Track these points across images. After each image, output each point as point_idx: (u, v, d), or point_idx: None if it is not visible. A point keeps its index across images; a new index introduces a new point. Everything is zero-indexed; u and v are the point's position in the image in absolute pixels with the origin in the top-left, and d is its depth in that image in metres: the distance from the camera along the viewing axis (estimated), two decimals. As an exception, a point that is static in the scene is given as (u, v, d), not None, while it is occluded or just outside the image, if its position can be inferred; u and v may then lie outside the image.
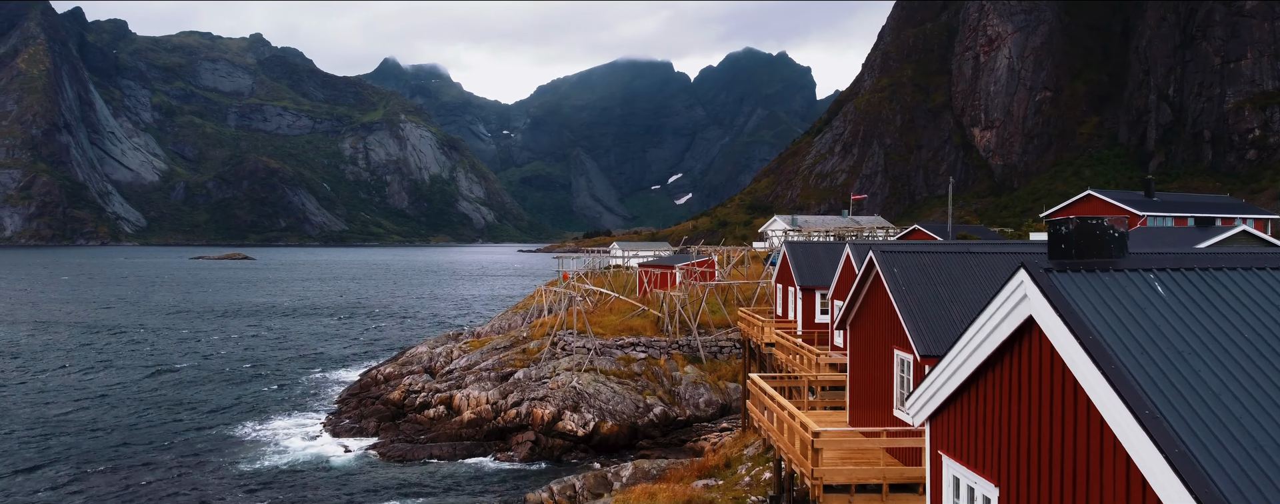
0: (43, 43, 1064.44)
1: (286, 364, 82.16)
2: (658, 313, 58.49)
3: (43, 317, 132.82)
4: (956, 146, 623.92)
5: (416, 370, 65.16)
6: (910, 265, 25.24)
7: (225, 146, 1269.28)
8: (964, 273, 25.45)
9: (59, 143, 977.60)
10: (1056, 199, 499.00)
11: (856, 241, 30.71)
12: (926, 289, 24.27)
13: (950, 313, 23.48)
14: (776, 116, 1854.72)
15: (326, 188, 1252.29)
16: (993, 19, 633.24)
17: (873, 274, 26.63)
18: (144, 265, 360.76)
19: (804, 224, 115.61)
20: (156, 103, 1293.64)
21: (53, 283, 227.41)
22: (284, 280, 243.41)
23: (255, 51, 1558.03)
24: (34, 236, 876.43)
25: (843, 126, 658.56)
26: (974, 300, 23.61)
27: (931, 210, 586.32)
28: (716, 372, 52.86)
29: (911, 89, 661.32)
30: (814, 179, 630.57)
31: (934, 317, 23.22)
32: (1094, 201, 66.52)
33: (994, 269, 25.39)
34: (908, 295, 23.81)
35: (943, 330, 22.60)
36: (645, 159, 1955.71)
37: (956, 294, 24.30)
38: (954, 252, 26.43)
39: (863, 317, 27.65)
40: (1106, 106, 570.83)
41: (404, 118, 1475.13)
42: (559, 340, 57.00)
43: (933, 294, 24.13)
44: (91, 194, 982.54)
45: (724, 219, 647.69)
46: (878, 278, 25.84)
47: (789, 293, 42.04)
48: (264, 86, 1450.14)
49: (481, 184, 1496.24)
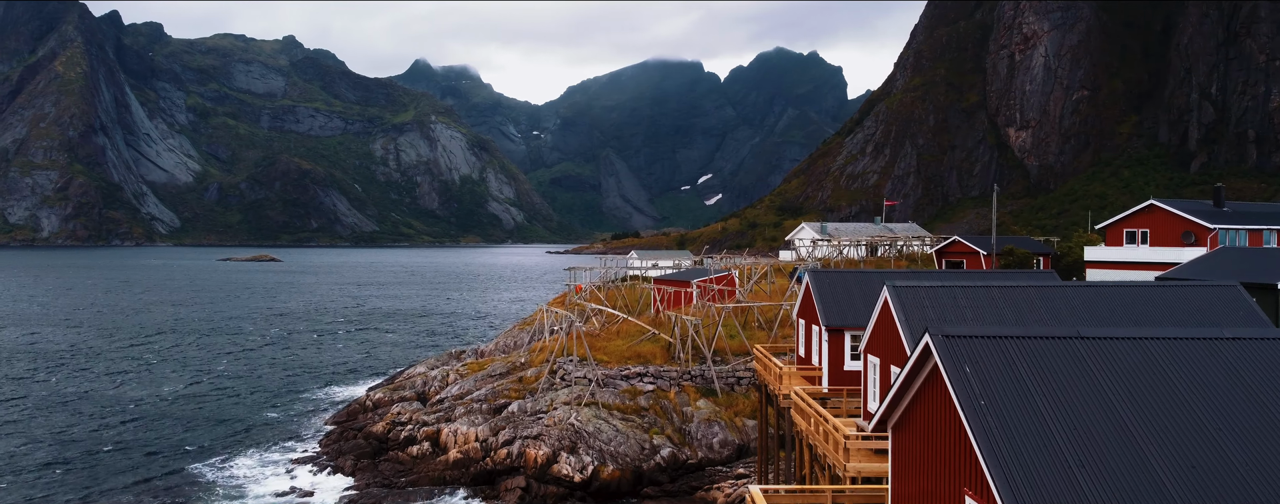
0: (80, 45, 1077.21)
1: (279, 383, 77.46)
2: (669, 338, 52.78)
3: (37, 321, 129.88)
4: (991, 147, 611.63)
5: (408, 396, 60.11)
6: (991, 360, 16.42)
7: (258, 148, 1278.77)
8: (1073, 366, 16.59)
9: (95, 144, 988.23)
10: (1094, 201, 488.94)
11: (900, 283, 24.17)
12: (1016, 399, 15.80)
13: (1055, 438, 14.86)
14: (807, 117, 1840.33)
15: (358, 188, 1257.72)
16: (1028, 16, 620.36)
17: (930, 366, 18.27)
18: (170, 267, 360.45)
19: (834, 232, 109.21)
20: (191, 104, 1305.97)
21: (67, 284, 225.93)
22: (304, 285, 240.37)
23: (288, 53, 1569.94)
24: (70, 237, 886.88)
25: (874, 127, 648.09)
26: (1091, 416, 15.39)
27: (965, 212, 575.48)
28: (733, 407, 47.13)
29: (945, 88, 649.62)
30: (845, 180, 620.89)
31: (1030, 445, 14.92)
32: (1158, 213, 59.83)
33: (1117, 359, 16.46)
34: (989, 414, 15.42)
35: (1043, 468, 14.39)
36: (675, 159, 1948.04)
37: (1062, 403, 15.80)
38: (1059, 337, 17.04)
39: (914, 424, 19.41)
40: (1146, 105, 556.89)
41: (434, 119, 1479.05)
42: (559, 368, 51.53)
43: (1027, 406, 15.72)
44: (127, 195, 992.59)
45: (753, 221, 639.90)
46: (938, 373, 17.48)
47: (812, 332, 35.84)
48: (296, 88, 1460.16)
49: (511, 185, 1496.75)
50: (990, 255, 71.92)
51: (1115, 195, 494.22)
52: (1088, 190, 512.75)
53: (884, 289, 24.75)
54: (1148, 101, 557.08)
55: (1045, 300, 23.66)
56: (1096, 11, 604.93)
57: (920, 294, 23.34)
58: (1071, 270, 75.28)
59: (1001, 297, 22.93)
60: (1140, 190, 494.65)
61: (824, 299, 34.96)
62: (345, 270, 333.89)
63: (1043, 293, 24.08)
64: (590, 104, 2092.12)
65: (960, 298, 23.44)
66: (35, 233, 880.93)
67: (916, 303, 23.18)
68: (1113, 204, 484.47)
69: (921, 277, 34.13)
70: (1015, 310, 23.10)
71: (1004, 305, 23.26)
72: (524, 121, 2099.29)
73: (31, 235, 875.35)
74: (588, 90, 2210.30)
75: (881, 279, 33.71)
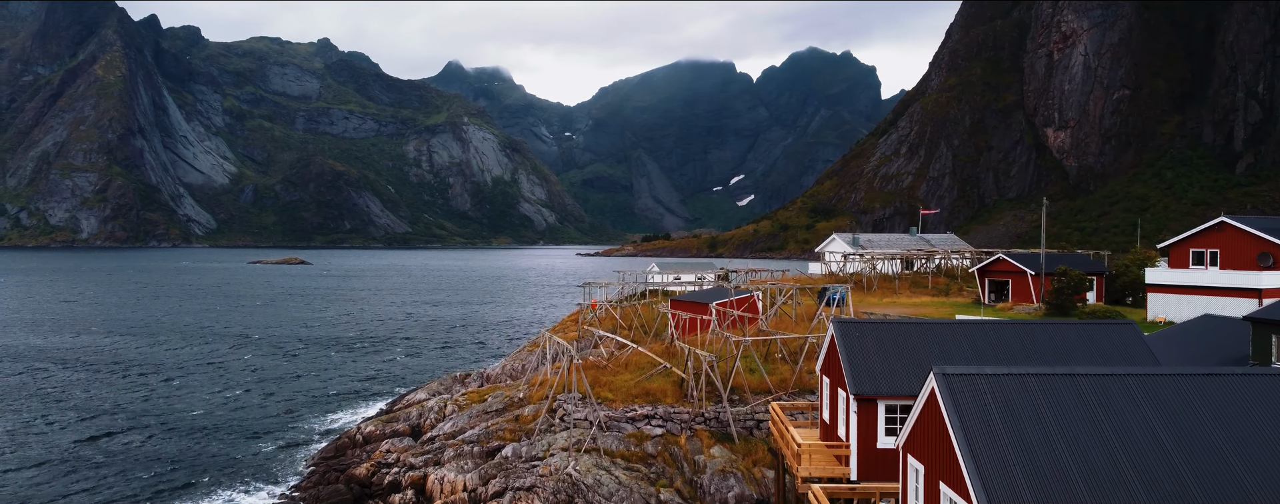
0: (119, 49, 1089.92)
1: (273, 407, 73.27)
2: (681, 373, 47.63)
3: (43, 327, 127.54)
4: (1028, 148, 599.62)
5: (401, 429, 55.56)
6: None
7: (293, 149, 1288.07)
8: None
9: (133, 147, 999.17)
10: (1135, 203, 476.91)
11: (952, 371, 18.33)
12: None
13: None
14: (840, 117, 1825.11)
15: (391, 190, 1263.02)
16: (1067, 15, 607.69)
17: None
18: (198, 271, 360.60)
19: (866, 245, 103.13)
20: (227, 107, 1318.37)
21: (81, 291, 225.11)
22: (327, 291, 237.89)
23: (323, 56, 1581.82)
24: (109, 238, 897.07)
25: (909, 127, 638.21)
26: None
27: (1002, 214, 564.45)
28: (751, 455, 41.86)
29: (981, 88, 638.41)
30: (878, 182, 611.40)
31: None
32: (1229, 231, 53.52)
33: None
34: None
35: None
36: (707, 160, 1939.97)
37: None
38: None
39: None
40: (1189, 105, 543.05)
41: (467, 120, 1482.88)
42: (559, 407, 46.58)
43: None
44: (164, 197, 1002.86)
45: (785, 223, 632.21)
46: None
47: (838, 398, 29.93)
48: (331, 90, 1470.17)
49: (543, 186, 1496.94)
50: (1038, 276, 66.08)
51: (1158, 197, 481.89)
52: (1129, 192, 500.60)
53: (930, 377, 19.06)
54: (1191, 101, 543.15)
55: (1157, 405, 17.45)
56: (1138, 9, 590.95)
57: (979, 386, 17.83)
58: (1126, 292, 69.38)
59: (1092, 391, 17.30)
60: (1184, 192, 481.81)
61: (852, 358, 28.93)
62: (372, 275, 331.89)
63: (1150, 390, 17.96)
64: (622, 105, 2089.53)
65: (1036, 392, 17.83)
66: (75, 234, 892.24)
67: (975, 401, 17.65)
68: (1155, 207, 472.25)
69: (979, 339, 28.24)
70: (1115, 422, 16.90)
71: (1098, 409, 17.45)
72: (556, 123, 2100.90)
73: (71, 236, 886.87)
74: (620, 91, 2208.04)
75: (924, 336, 28.32)
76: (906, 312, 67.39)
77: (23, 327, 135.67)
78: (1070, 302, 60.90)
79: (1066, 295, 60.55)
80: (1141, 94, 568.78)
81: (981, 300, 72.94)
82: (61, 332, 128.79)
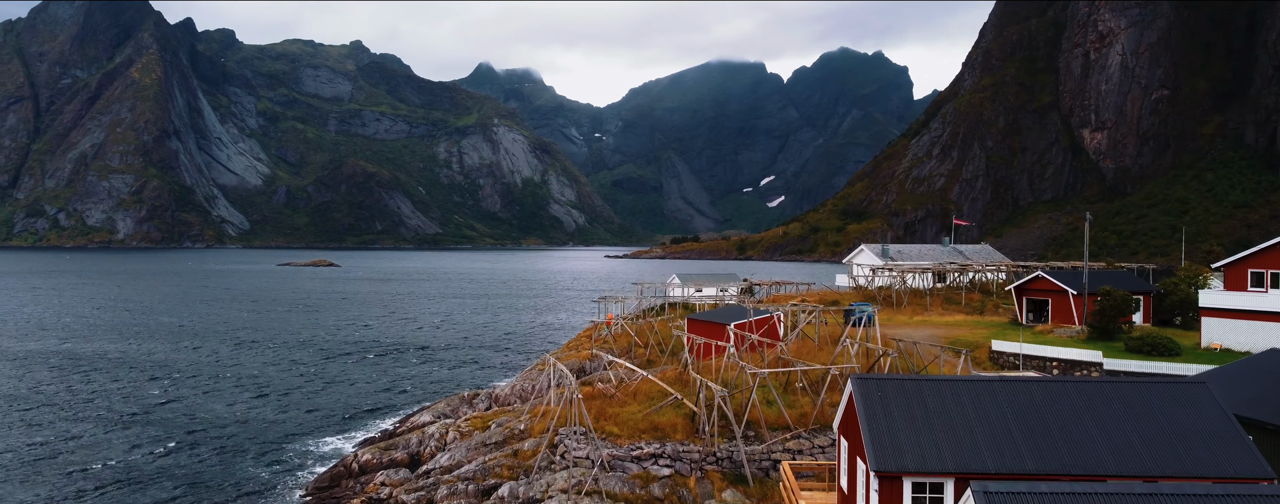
0: (155, 53, 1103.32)
1: (272, 426, 70.67)
2: (693, 405, 44.16)
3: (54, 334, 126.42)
4: (1064, 149, 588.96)
5: (400, 458, 52.61)
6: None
7: (325, 151, 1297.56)
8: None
9: (169, 149, 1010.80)
10: (1174, 206, 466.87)
11: (995, 488, 14.61)
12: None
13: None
14: (872, 118, 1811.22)
15: (421, 191, 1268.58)
16: (1104, 14, 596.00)
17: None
18: (227, 274, 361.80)
19: (896, 255, 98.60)
20: (261, 109, 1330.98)
21: (109, 292, 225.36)
22: (352, 295, 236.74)
23: (355, 58, 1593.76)
24: (144, 239, 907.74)
25: (941, 128, 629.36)
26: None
27: (1037, 216, 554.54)
28: (768, 499, 38.31)
29: (1015, 88, 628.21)
30: (910, 183, 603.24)
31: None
32: (1305, 251, 48.84)
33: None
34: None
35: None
36: (737, 161, 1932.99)
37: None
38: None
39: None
40: (1231, 105, 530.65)
41: (497, 122, 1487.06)
42: (560, 442, 43.27)
43: None
44: (198, 198, 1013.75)
45: (816, 225, 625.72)
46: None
47: (857, 467, 25.62)
48: (363, 92, 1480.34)
49: (573, 187, 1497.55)
50: (1081, 295, 61.76)
51: (1198, 200, 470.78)
52: (1168, 194, 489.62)
53: (969, 495, 15.33)
54: (1233, 101, 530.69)
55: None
56: (1177, 8, 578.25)
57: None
58: (1175, 312, 64.84)
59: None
60: (1225, 194, 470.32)
61: (874, 426, 24.56)
62: (399, 278, 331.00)
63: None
64: (652, 106, 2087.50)
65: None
66: (112, 235, 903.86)
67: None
68: (1196, 209, 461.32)
69: (1026, 405, 24.19)
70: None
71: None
72: (586, 124, 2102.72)
73: (108, 237, 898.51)
74: (650, 92, 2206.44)
75: (960, 399, 24.30)
76: (938, 333, 63.41)
77: (26, 332, 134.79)
78: (1115, 324, 56.80)
79: (1110, 317, 56.47)
80: (1181, 94, 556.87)
81: (1019, 320, 68.82)
82: (73, 339, 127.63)
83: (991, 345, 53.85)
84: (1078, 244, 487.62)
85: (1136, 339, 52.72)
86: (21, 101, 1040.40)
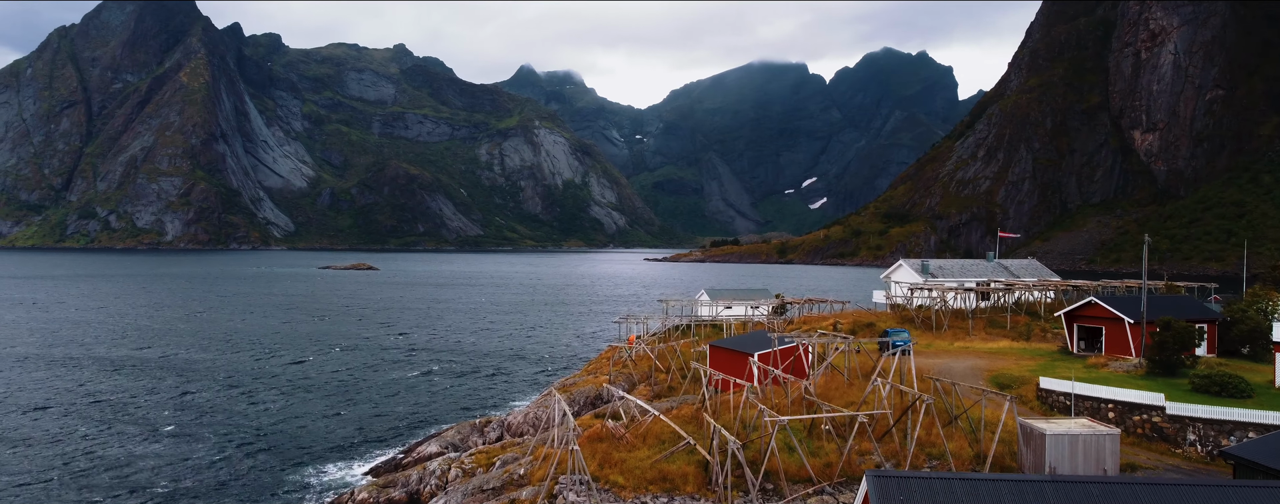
0: (203, 57, 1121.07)
1: (276, 451, 67.74)
2: (705, 452, 40.21)
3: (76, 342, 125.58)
4: (1113, 151, 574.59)
5: (398, 498, 49.30)
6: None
7: (369, 153, 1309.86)
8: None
9: (216, 152, 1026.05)
10: (1230, 209, 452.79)
11: None
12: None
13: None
14: (915, 119, 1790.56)
15: (463, 193, 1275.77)
16: (1156, 12, 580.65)
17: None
18: (268, 277, 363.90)
19: (937, 271, 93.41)
20: (306, 112, 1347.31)
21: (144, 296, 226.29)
22: (385, 302, 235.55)
23: (398, 61, 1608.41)
24: (192, 241, 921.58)
25: (987, 130, 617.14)
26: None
27: (1085, 220, 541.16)
28: (783, 564, 34.26)
29: (1063, 89, 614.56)
30: (955, 186, 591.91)
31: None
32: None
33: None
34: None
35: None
36: (779, 163, 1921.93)
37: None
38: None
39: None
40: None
41: (538, 124, 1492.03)
42: (559, 493, 39.52)
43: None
44: (244, 200, 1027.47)
45: (858, 228, 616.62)
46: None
47: None
48: (406, 95, 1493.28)
49: (613, 189, 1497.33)
50: (1138, 324, 56.63)
51: (1255, 203, 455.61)
52: (1223, 198, 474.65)
53: None
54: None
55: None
56: (1231, 5, 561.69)
57: None
58: (1243, 342, 59.29)
59: None
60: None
61: None
62: (436, 283, 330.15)
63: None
64: (693, 107, 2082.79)
65: None
66: (160, 237, 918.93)
67: None
68: (1252, 213, 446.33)
69: None
70: None
71: None
72: (627, 126, 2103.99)
73: (157, 239, 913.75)
74: (691, 93, 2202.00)
75: (999, 501, 20.14)
76: (980, 363, 58.77)
77: (16, 339, 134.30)
78: (1177, 358, 51.84)
79: (1173, 351, 51.53)
80: (1236, 94, 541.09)
81: (1069, 349, 63.79)
82: (95, 345, 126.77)
83: (1039, 383, 49.22)
84: (1128, 248, 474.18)
85: (1203, 377, 47.79)
86: (75, 106, 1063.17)
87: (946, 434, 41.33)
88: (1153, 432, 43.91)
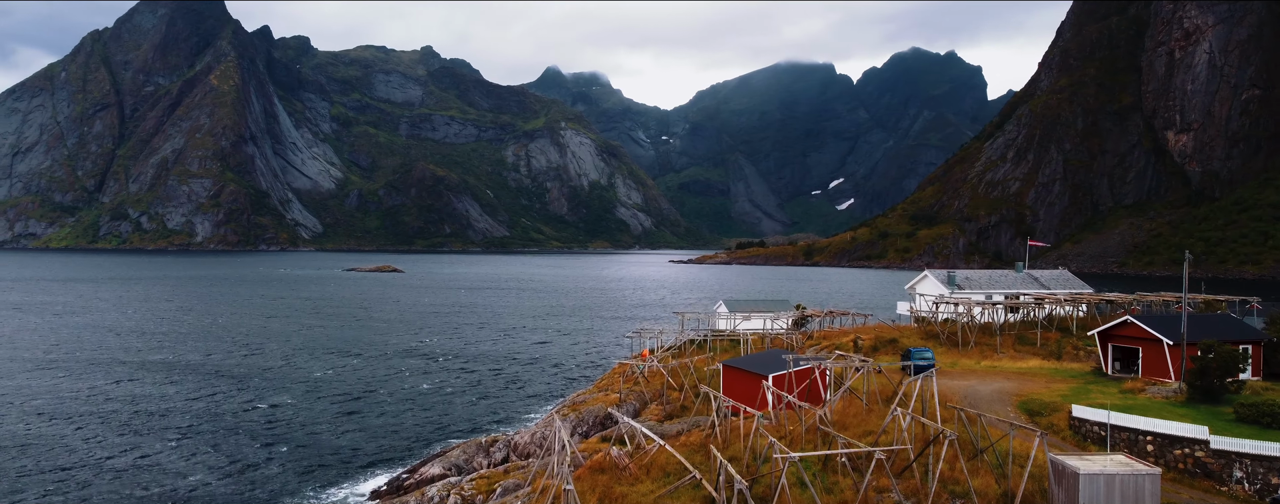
0: (233, 60, 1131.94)
1: (274, 470, 65.90)
2: (711, 488, 37.70)
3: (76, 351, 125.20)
4: (1146, 151, 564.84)
5: (395, 528, 47.26)
6: None
7: (396, 155, 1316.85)
8: None
9: (245, 153, 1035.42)
10: (1267, 211, 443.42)
11: None
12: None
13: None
14: (944, 119, 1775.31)
15: (489, 194, 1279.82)
16: (1190, 10, 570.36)
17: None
18: (291, 279, 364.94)
19: (964, 283, 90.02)
20: (334, 114, 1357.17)
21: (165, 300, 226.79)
22: (405, 307, 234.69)
23: (425, 63, 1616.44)
24: (222, 242, 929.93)
25: (1016, 130, 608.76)
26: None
27: (1117, 222, 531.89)
28: (793, 616, 31.68)
29: (1094, 89, 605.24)
30: (984, 188, 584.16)
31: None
32: None
33: None
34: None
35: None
36: (805, 164, 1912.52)
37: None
38: None
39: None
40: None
41: (564, 125, 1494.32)
42: (556, 533, 37.18)
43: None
44: (273, 202, 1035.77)
45: (885, 230, 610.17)
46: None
47: None
48: (433, 97, 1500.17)
49: (639, 190, 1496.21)
50: (1178, 345, 53.38)
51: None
52: (1259, 199, 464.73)
53: None
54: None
55: None
56: (1268, 4, 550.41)
57: None
58: (1290, 364, 56.00)
59: None
60: None
61: None
62: (460, 287, 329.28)
63: None
64: (719, 108, 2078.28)
65: None
66: (191, 238, 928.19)
67: None
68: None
69: None
70: None
71: None
72: (653, 127, 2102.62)
73: (188, 240, 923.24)
74: (717, 94, 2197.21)
75: None
76: (1009, 386, 55.77)
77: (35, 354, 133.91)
78: (1221, 384, 48.68)
79: (1214, 376, 48.39)
80: (1274, 94, 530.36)
81: (1104, 370, 60.59)
82: (115, 351, 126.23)
83: (1072, 411, 46.23)
84: (1161, 251, 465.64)
85: (1249, 405, 44.65)
86: (107, 108, 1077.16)
87: (971, 469, 38.57)
88: (1196, 467, 40.90)
